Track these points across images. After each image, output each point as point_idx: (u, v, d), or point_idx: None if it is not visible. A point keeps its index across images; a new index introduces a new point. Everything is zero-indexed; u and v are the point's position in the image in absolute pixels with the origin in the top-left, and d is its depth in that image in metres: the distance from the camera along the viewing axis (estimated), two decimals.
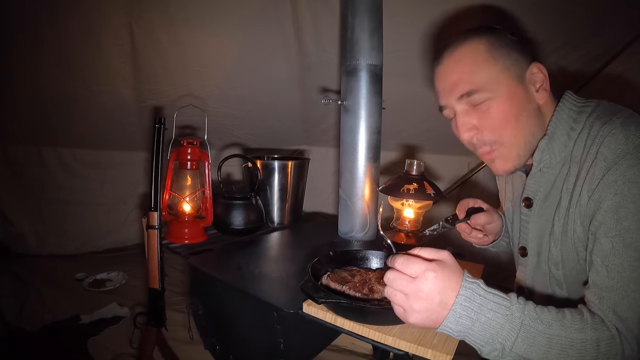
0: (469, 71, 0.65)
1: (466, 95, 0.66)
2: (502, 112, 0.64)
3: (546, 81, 0.66)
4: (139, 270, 2.04)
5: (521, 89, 0.65)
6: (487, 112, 0.65)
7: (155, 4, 1.54)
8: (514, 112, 0.65)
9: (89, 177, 2.24)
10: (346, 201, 1.20)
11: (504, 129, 0.66)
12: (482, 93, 0.64)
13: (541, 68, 0.65)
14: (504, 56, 0.64)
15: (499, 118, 0.65)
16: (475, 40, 0.65)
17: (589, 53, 1.51)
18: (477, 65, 0.64)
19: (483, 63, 0.64)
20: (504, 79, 0.64)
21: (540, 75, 0.65)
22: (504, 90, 0.64)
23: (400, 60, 1.58)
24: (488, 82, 0.64)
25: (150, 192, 1.01)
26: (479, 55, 0.64)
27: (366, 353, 1.50)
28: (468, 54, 0.65)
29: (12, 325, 1.57)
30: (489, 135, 0.67)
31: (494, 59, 0.64)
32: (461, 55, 0.66)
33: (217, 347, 0.95)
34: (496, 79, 0.64)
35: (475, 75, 0.64)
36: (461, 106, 0.67)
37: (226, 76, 1.85)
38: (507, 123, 0.65)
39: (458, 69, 0.66)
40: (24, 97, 1.80)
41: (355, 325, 0.67)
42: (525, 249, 0.77)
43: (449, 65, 0.68)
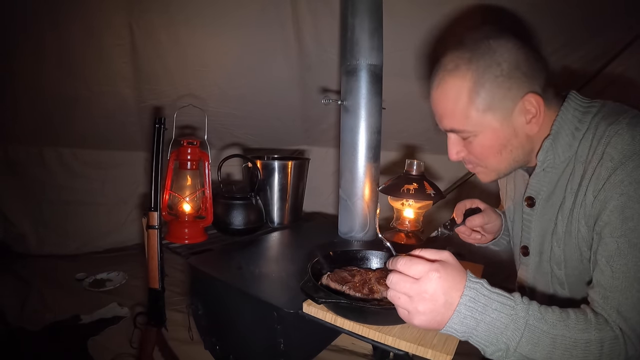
0: (452, 111, 0.65)
1: (450, 131, 0.68)
2: (484, 148, 0.67)
3: (539, 114, 0.63)
4: (139, 270, 2.04)
5: (506, 126, 0.64)
6: (470, 144, 0.68)
7: (156, 5, 1.54)
8: (496, 148, 0.66)
9: (90, 177, 2.24)
10: (346, 201, 1.20)
11: (486, 160, 0.69)
12: (464, 133, 0.66)
13: (537, 100, 0.62)
14: (491, 94, 0.61)
15: (481, 152, 0.67)
16: (462, 74, 0.62)
17: (588, 54, 1.52)
18: (459, 108, 0.64)
19: (465, 105, 0.63)
20: (487, 118, 0.63)
21: (533, 108, 0.62)
22: (487, 128, 0.64)
23: (401, 61, 1.58)
24: (470, 123, 0.64)
25: (150, 192, 1.01)
26: (462, 94, 0.63)
27: (366, 353, 1.50)
28: (452, 92, 0.64)
29: (12, 325, 1.57)
30: (474, 160, 0.70)
31: (478, 98, 0.62)
32: (446, 91, 0.65)
33: (217, 347, 0.95)
34: (478, 120, 0.63)
35: (457, 118, 0.65)
36: (451, 133, 0.70)
37: (226, 76, 1.85)
38: (489, 156, 0.68)
39: (442, 105, 0.67)
40: (25, 97, 1.80)
41: (355, 325, 0.67)
42: (527, 248, 0.77)
43: (435, 97, 0.68)
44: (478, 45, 0.63)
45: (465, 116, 0.64)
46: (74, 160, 2.19)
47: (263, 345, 0.82)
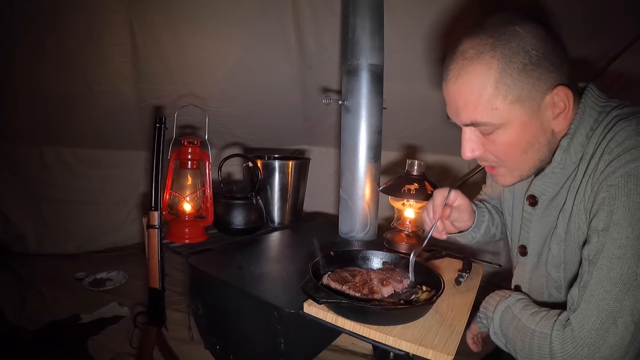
0: (474, 103, 0.59)
1: (471, 124, 0.62)
2: (509, 145, 0.61)
3: (568, 109, 0.59)
4: (139, 270, 2.03)
5: (535, 120, 0.59)
6: (493, 142, 0.62)
7: (156, 4, 1.54)
8: (522, 146, 0.61)
9: (90, 177, 2.24)
10: (347, 201, 1.20)
11: (510, 159, 0.63)
12: (488, 126, 0.60)
13: (567, 93, 0.58)
14: (519, 83, 0.56)
15: (505, 149, 0.62)
16: (486, 62, 0.57)
17: (588, 54, 1.51)
18: (485, 97, 0.57)
19: (492, 95, 0.57)
20: (515, 110, 0.58)
21: (562, 103, 0.58)
22: (514, 123, 0.59)
23: (402, 61, 1.58)
24: (496, 115, 0.58)
25: (150, 191, 1.01)
26: (488, 84, 0.57)
27: (366, 353, 1.49)
28: (476, 81, 0.58)
29: (12, 324, 1.57)
30: (493, 159, 0.65)
31: (505, 88, 0.56)
32: (468, 81, 0.58)
33: (217, 347, 0.95)
34: (506, 112, 0.58)
35: (481, 109, 0.58)
36: (467, 128, 0.64)
37: (227, 76, 1.85)
38: (514, 154, 0.62)
39: (463, 97, 0.60)
40: (25, 96, 1.80)
41: (356, 326, 0.67)
42: (525, 248, 0.74)
43: (454, 89, 0.61)
44: (502, 31, 0.57)
45: (492, 107, 0.57)
46: (74, 159, 2.19)
47: (263, 345, 0.82)
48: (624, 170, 0.53)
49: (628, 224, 0.52)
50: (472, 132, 0.63)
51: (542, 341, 0.57)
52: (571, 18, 1.37)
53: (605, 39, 1.46)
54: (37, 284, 1.85)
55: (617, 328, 0.51)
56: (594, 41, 1.46)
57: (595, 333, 0.52)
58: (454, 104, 0.63)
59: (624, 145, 0.54)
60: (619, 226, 0.52)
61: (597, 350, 0.52)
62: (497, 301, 0.69)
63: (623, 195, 0.52)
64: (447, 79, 0.62)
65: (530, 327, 0.59)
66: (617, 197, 0.53)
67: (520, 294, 0.71)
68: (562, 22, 1.38)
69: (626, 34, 1.45)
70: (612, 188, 0.53)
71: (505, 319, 0.66)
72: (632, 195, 0.52)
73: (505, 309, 0.66)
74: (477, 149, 0.64)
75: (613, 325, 0.51)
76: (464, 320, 0.72)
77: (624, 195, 0.52)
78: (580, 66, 1.54)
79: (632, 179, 0.52)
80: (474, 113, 0.60)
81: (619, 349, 0.51)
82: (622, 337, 0.51)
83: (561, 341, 0.54)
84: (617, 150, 0.54)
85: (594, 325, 0.52)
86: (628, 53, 1.49)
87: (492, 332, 0.69)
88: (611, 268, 0.52)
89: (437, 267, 0.94)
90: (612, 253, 0.52)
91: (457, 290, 0.85)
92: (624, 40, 1.47)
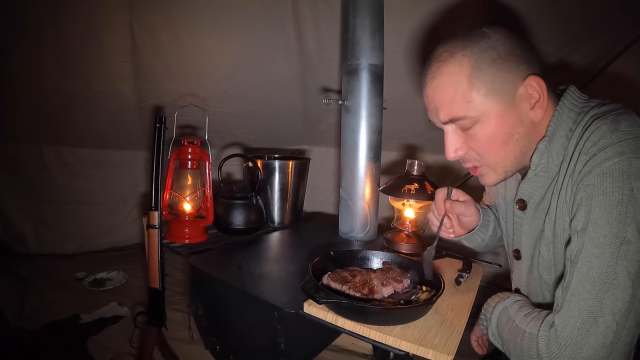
0: (450, 99, 0.61)
1: (449, 122, 0.64)
2: (488, 137, 0.62)
3: (543, 98, 0.60)
4: (139, 270, 2.03)
5: (511, 111, 0.60)
6: (473, 136, 0.63)
7: (156, 4, 1.53)
8: (502, 137, 0.62)
9: (90, 177, 2.24)
10: (347, 201, 1.20)
11: (491, 154, 0.64)
12: (466, 120, 0.62)
13: (539, 82, 0.59)
14: (490, 77, 0.59)
15: (485, 143, 0.63)
16: (458, 60, 0.60)
17: (589, 54, 1.51)
18: (460, 93, 0.60)
19: (466, 89, 0.60)
20: (490, 102, 0.60)
21: (536, 91, 0.60)
22: (490, 114, 0.60)
23: (402, 60, 1.58)
24: (472, 108, 0.60)
25: (150, 191, 1.01)
26: (461, 80, 0.60)
27: (366, 353, 1.49)
28: (450, 80, 0.61)
29: (12, 325, 1.57)
30: (476, 157, 0.66)
31: (478, 82, 0.59)
32: (443, 80, 0.62)
33: (217, 347, 0.95)
34: (481, 104, 0.60)
35: (457, 104, 0.61)
36: (448, 127, 0.65)
37: (227, 76, 1.85)
38: (494, 147, 0.63)
39: (440, 96, 0.63)
40: (24, 96, 1.80)
41: (356, 326, 0.67)
42: (519, 252, 0.75)
43: (430, 90, 0.64)
44: (471, 34, 0.61)
45: (467, 101, 0.60)
46: (73, 159, 2.19)
47: (263, 345, 0.82)
48: (600, 169, 0.53)
49: (605, 223, 0.52)
50: (453, 132, 0.65)
51: (530, 342, 0.57)
52: (571, 18, 1.37)
53: (605, 39, 1.46)
54: (37, 284, 1.85)
55: (598, 327, 0.51)
56: (594, 41, 1.46)
57: (576, 333, 0.52)
58: (432, 105, 0.66)
59: (599, 145, 0.54)
60: (596, 225, 0.53)
61: (579, 350, 0.52)
62: (496, 302, 0.70)
63: (599, 195, 0.53)
64: (424, 83, 0.66)
65: (522, 328, 0.60)
66: (594, 197, 0.53)
67: (519, 295, 0.71)
68: (563, 22, 1.38)
69: (627, 34, 1.45)
70: (588, 188, 0.54)
71: (501, 320, 0.66)
72: (609, 194, 0.52)
73: (503, 310, 0.67)
74: (459, 149, 0.66)
75: (594, 325, 0.51)
76: (464, 320, 0.72)
77: (601, 195, 0.52)
78: (579, 67, 1.54)
79: (608, 177, 0.52)
80: (452, 109, 0.62)
81: (601, 348, 0.51)
82: (604, 337, 0.51)
83: (546, 342, 0.55)
84: (593, 149, 0.55)
85: (575, 326, 0.52)
86: (629, 53, 1.49)
87: (490, 334, 0.69)
88: (590, 267, 0.52)
89: (437, 267, 0.94)
90: (591, 252, 0.53)
91: (457, 290, 0.85)
92: (624, 41, 1.47)
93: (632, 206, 0.50)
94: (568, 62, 1.52)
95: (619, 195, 0.51)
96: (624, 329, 0.50)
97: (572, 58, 1.51)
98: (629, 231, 0.50)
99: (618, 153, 0.52)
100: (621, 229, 0.51)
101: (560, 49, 1.47)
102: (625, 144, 0.52)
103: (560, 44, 1.46)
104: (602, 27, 1.41)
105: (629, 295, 0.50)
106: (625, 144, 0.52)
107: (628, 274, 0.50)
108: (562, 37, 1.44)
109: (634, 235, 0.50)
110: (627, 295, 0.50)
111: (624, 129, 0.53)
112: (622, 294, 0.50)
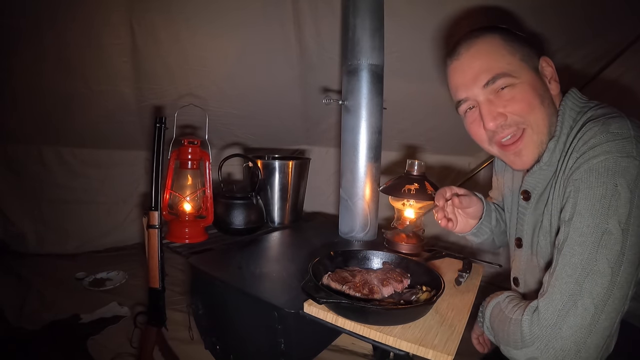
0: (492, 59, 0.68)
1: (491, 81, 0.67)
2: (527, 98, 0.67)
3: (555, 74, 0.70)
4: (139, 270, 2.03)
5: (539, 78, 0.68)
6: (512, 99, 0.67)
7: (156, 3, 1.53)
8: (538, 99, 0.67)
9: (89, 176, 2.23)
10: (347, 201, 1.20)
11: (531, 113, 0.67)
12: (507, 78, 0.67)
13: (549, 61, 0.70)
14: (520, 48, 0.68)
15: (525, 103, 0.67)
16: (490, 35, 0.69)
17: (589, 54, 1.51)
18: (499, 54, 0.67)
19: (504, 52, 0.67)
20: (525, 67, 0.67)
21: (549, 69, 0.70)
22: (527, 77, 0.67)
23: (402, 60, 1.58)
24: (512, 69, 0.67)
25: (150, 191, 1.01)
26: (498, 46, 0.68)
27: (366, 353, 1.49)
28: (487, 46, 0.69)
29: (12, 325, 1.57)
30: (517, 119, 0.68)
31: (512, 49, 0.67)
32: (480, 47, 0.69)
33: (217, 347, 0.94)
34: (518, 67, 0.67)
35: (499, 62, 0.67)
36: (484, 95, 0.69)
37: (227, 75, 1.85)
38: (534, 107, 0.67)
39: (480, 59, 0.69)
40: (24, 96, 1.80)
41: (356, 326, 0.67)
42: (521, 240, 0.79)
43: (469, 57, 0.70)
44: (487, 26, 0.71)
45: (507, 62, 0.67)
46: (73, 159, 2.18)
47: (263, 345, 0.82)
48: (587, 165, 0.58)
49: (589, 214, 0.56)
50: (490, 101, 0.69)
51: (515, 327, 0.60)
52: (572, 18, 1.37)
53: (606, 40, 1.46)
54: (37, 284, 1.85)
55: (577, 309, 0.54)
56: (595, 41, 1.46)
57: (557, 314, 0.55)
58: (470, 71, 0.70)
59: (589, 144, 0.59)
60: (580, 216, 0.57)
61: (559, 330, 0.55)
62: (491, 298, 0.73)
63: (585, 188, 0.57)
64: (458, 54, 0.71)
65: (509, 317, 0.64)
66: (581, 190, 0.58)
67: (513, 292, 0.73)
68: (563, 22, 1.38)
69: (627, 35, 1.45)
70: (576, 182, 0.59)
71: (493, 313, 0.70)
72: (594, 188, 0.56)
73: (496, 304, 0.70)
74: (499, 116, 0.68)
75: (573, 306, 0.54)
76: (464, 320, 0.72)
77: (586, 188, 0.57)
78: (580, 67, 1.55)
79: (594, 173, 0.56)
80: (495, 66, 0.67)
81: (579, 329, 0.54)
82: (582, 318, 0.54)
83: (529, 324, 0.58)
84: (583, 148, 0.60)
85: (556, 307, 0.56)
86: (630, 52, 1.49)
87: (485, 328, 0.72)
88: (573, 254, 0.56)
89: (437, 267, 0.94)
90: (574, 240, 0.57)
91: (457, 290, 0.85)
92: (624, 41, 1.47)
93: (615, 200, 0.54)
94: (569, 62, 1.52)
95: (603, 189, 0.55)
96: (602, 313, 0.53)
97: (573, 58, 1.52)
98: (610, 223, 0.54)
99: (605, 152, 0.57)
100: (603, 221, 0.55)
101: (560, 49, 1.47)
102: (613, 144, 0.56)
103: (561, 44, 1.46)
104: (603, 28, 1.41)
105: (608, 281, 0.53)
106: (613, 144, 0.56)
107: (608, 261, 0.54)
108: (564, 37, 1.44)
109: (615, 227, 0.54)
110: (605, 281, 0.53)
111: (614, 130, 0.58)
112: (601, 279, 0.54)
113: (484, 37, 0.70)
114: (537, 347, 0.56)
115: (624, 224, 0.54)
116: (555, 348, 0.54)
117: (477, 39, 0.70)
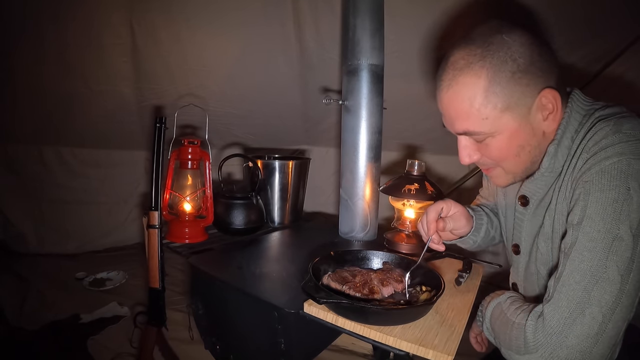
0: (466, 113, 0.61)
1: (464, 134, 0.65)
2: (502, 150, 0.64)
3: (557, 110, 0.61)
4: (139, 270, 2.03)
5: (525, 125, 0.61)
6: (487, 147, 0.64)
7: (156, 3, 1.54)
8: (514, 149, 0.63)
9: (89, 176, 2.24)
10: (347, 201, 1.20)
11: (505, 161, 0.66)
12: (480, 135, 0.63)
13: (554, 95, 0.60)
14: (508, 91, 0.58)
15: (498, 154, 0.65)
16: (475, 72, 0.59)
17: (589, 54, 1.51)
18: (476, 107, 0.60)
19: (482, 104, 0.59)
20: (506, 118, 0.60)
21: (550, 104, 0.60)
22: (507, 128, 0.61)
23: (402, 60, 1.58)
24: (487, 124, 0.61)
25: (150, 191, 1.01)
26: (478, 93, 0.59)
27: (366, 353, 1.49)
28: (466, 92, 0.60)
29: (12, 324, 1.57)
30: (489, 162, 0.68)
31: (495, 97, 0.58)
32: (459, 91, 0.61)
33: (217, 347, 0.94)
34: (497, 120, 0.60)
35: (473, 119, 0.61)
36: (462, 136, 0.66)
37: (227, 76, 1.85)
38: (508, 157, 0.65)
39: (455, 107, 0.63)
40: (24, 96, 1.80)
41: (356, 326, 0.67)
42: (518, 247, 0.76)
43: (447, 98, 0.63)
44: (490, 40, 0.59)
45: (482, 117, 0.60)
46: (73, 159, 2.18)
47: (263, 345, 0.82)
48: (599, 167, 0.54)
49: (600, 219, 0.53)
50: (467, 140, 0.67)
51: (518, 332, 0.58)
52: (572, 18, 1.37)
53: (605, 40, 1.46)
54: (37, 284, 1.85)
55: (585, 318, 0.52)
56: (594, 42, 1.46)
57: (563, 322, 0.53)
58: (447, 114, 0.66)
59: (601, 144, 0.56)
60: (591, 220, 0.54)
61: (564, 338, 0.53)
62: (492, 298, 0.72)
63: (597, 191, 0.54)
64: (440, 89, 0.65)
65: (511, 320, 0.61)
66: (591, 193, 0.54)
67: (514, 292, 0.72)
68: (563, 22, 1.38)
69: (627, 35, 1.45)
70: (587, 184, 0.55)
71: (494, 314, 0.68)
72: (605, 191, 0.53)
73: (496, 305, 0.69)
74: (473, 155, 0.67)
75: (581, 315, 0.52)
76: (464, 320, 0.72)
77: (598, 191, 0.54)
78: (580, 67, 1.54)
79: (606, 175, 0.53)
80: (466, 123, 0.62)
81: (585, 338, 0.52)
82: (589, 327, 0.52)
83: (533, 330, 0.56)
84: (594, 148, 0.56)
85: (562, 315, 0.54)
86: (630, 52, 1.49)
87: (485, 328, 0.71)
88: (582, 260, 0.54)
89: (437, 267, 0.94)
90: (584, 245, 0.54)
91: (457, 290, 0.85)
92: (624, 41, 1.47)
93: (627, 205, 0.52)
94: (569, 62, 1.52)
95: (615, 193, 0.52)
96: (609, 322, 0.52)
97: (573, 58, 1.52)
98: (622, 228, 0.52)
99: (618, 153, 0.53)
100: (614, 226, 0.52)
101: (560, 49, 1.47)
102: (625, 145, 0.54)
103: (561, 43, 1.46)
104: (603, 28, 1.41)
105: (617, 289, 0.51)
106: (625, 145, 0.54)
107: (617, 269, 0.51)
108: (563, 37, 1.44)
109: (627, 232, 0.51)
110: (615, 289, 0.51)
111: (626, 131, 0.55)
112: (610, 287, 0.51)
113: (466, 77, 0.59)
114: (541, 355, 0.54)
115: (635, 230, 0.51)
116: (560, 357, 0.53)
117: (458, 77, 0.60)
